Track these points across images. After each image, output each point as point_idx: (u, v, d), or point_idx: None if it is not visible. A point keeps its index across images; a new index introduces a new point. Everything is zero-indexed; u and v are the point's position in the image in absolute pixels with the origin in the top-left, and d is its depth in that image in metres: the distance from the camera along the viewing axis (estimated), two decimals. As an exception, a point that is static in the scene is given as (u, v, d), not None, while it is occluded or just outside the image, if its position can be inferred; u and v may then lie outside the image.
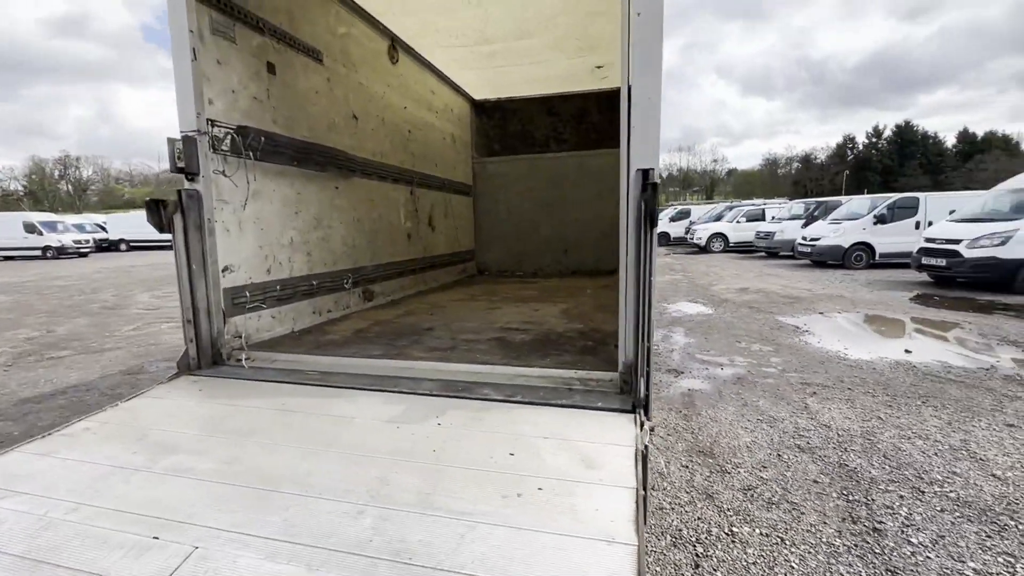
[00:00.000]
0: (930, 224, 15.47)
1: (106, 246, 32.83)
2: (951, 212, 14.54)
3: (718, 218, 25.07)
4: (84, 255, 28.33)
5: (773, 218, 22.39)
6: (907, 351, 6.25)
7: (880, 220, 16.23)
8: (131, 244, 33.30)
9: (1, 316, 9.74)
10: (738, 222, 23.55)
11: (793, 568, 2.47)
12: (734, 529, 2.79)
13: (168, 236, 2.97)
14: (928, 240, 12.53)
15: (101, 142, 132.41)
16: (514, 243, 8.71)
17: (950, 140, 66.43)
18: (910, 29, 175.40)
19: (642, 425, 2.20)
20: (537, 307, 5.08)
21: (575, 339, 3.65)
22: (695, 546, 2.66)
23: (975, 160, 55.78)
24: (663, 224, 26.74)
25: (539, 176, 8.51)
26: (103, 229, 33.66)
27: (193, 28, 3.00)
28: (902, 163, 63.79)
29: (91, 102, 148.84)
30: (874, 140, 69.36)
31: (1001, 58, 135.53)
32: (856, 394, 4.78)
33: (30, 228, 27.29)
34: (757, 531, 2.77)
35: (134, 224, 33.15)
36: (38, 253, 27.09)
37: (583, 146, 8.49)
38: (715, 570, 2.48)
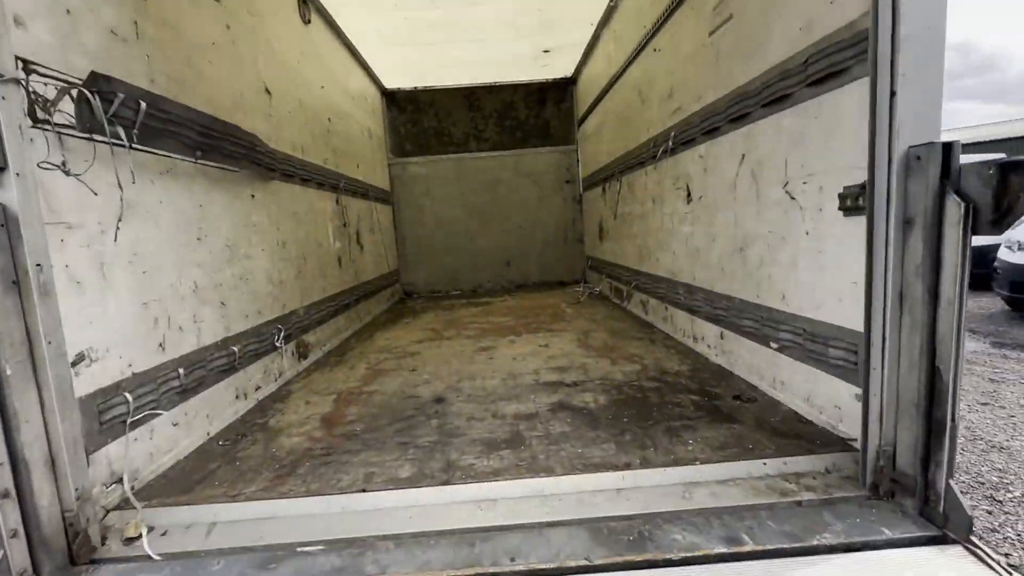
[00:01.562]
0: None
1: None
2: None
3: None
4: None
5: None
6: None
7: None
8: None
9: None
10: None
11: None
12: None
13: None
14: None
15: None
16: (446, 258, 7.40)
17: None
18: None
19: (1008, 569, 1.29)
20: (543, 341, 3.96)
21: (663, 391, 2.65)
22: None
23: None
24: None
25: (470, 179, 7.33)
26: None
27: None
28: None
29: None
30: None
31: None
32: None
33: None
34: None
35: None
36: None
37: (506, 145, 7.50)
38: None
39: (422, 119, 7.48)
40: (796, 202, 2.18)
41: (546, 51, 6.00)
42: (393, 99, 7.26)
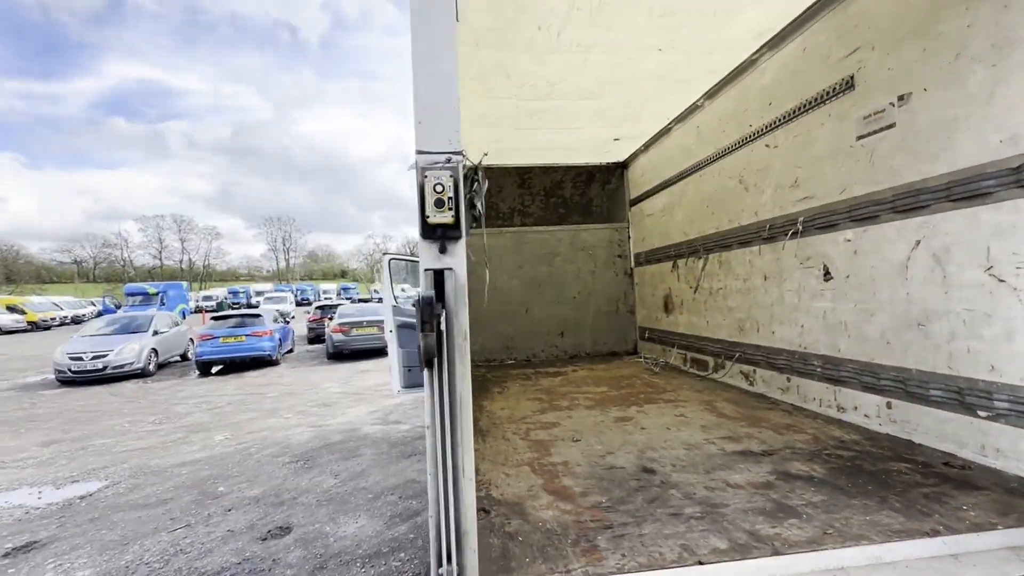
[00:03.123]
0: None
1: None
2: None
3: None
4: None
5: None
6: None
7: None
8: None
9: None
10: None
11: None
12: None
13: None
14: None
15: None
16: (502, 326, 7.46)
17: None
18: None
19: None
20: (675, 411, 4.03)
21: (867, 459, 2.76)
22: None
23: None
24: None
25: (528, 251, 7.61)
26: None
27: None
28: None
29: None
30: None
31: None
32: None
33: None
34: None
35: None
36: None
37: (547, 221, 7.95)
38: None
39: (475, 194, 7.82)
40: (1007, 284, 2.48)
41: (616, 139, 6.57)
42: (454, 174, 7.61)
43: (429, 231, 1.43)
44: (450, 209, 1.42)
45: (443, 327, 1.33)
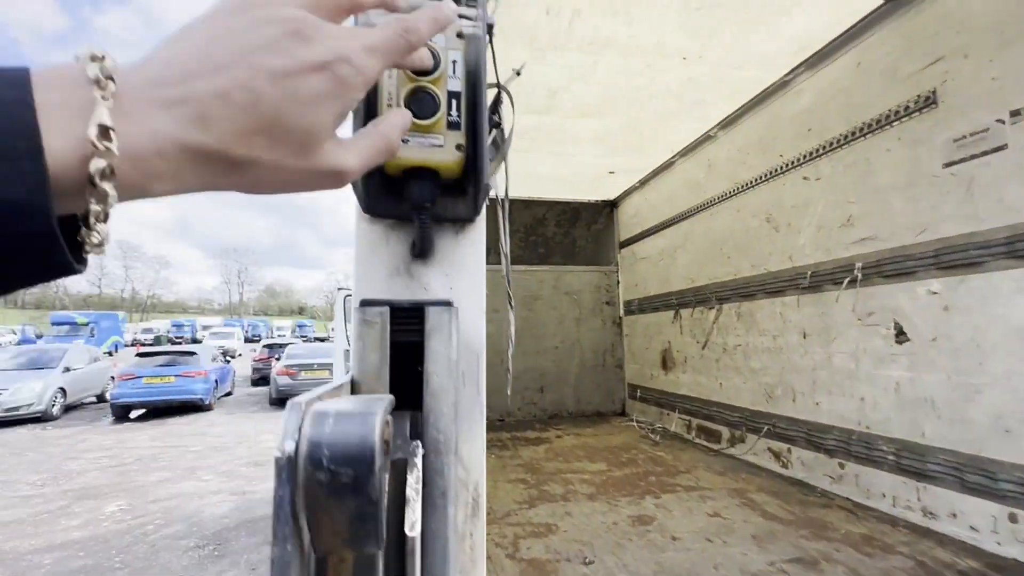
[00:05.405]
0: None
1: None
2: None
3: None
4: None
5: None
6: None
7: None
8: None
9: None
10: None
11: None
12: None
13: None
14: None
15: None
16: (472, 379, 6.38)
17: None
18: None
19: None
20: (704, 507, 3.06)
21: None
22: None
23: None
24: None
25: (504, 294, 6.68)
26: None
27: None
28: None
29: None
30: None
31: None
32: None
33: None
34: None
35: None
36: None
37: (526, 261, 7.12)
38: None
39: (448, 226, 6.94)
40: None
41: (611, 172, 5.89)
42: (426, 203, 6.73)
43: (380, 187, 0.47)
44: (453, 125, 0.49)
45: (417, 482, 0.40)
